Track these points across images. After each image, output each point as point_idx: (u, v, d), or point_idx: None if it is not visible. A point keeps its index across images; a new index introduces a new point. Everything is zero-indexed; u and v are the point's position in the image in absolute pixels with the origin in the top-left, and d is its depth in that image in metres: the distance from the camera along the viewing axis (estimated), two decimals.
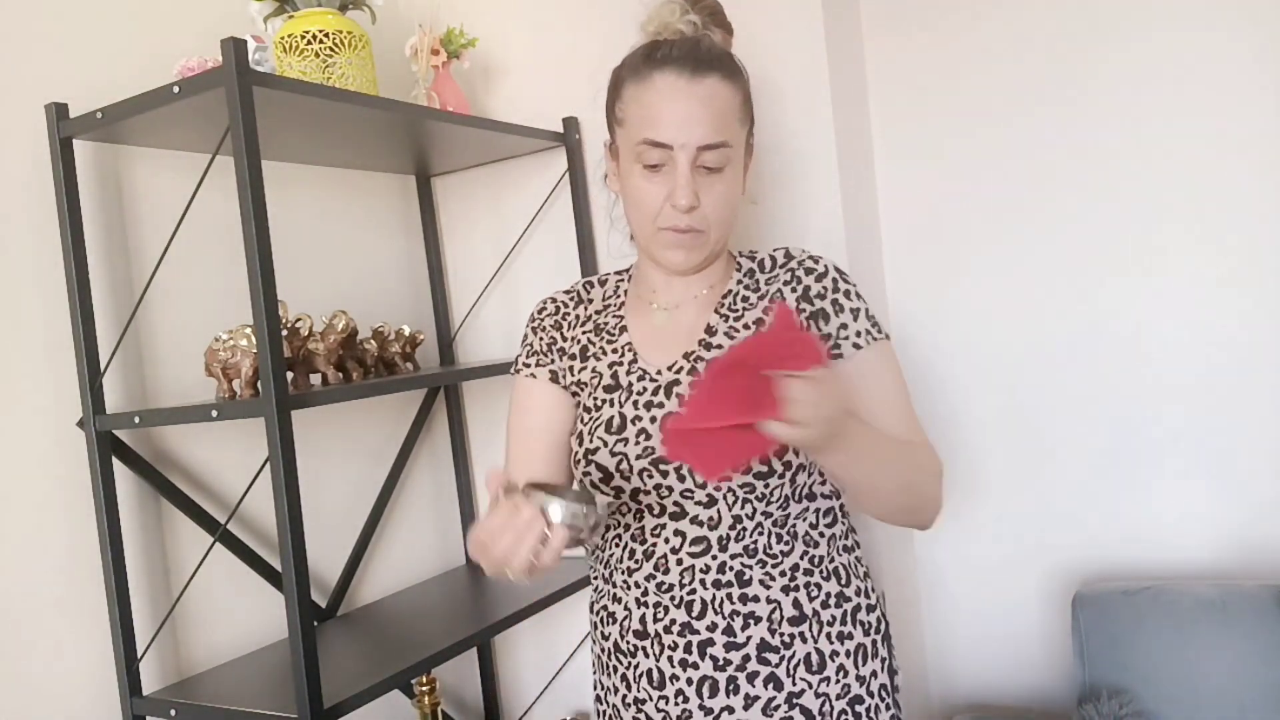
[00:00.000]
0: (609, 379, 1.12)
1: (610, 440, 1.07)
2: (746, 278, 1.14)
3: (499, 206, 1.96)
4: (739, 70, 1.08)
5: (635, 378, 1.10)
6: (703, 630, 1.04)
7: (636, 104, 1.05)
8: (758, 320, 1.09)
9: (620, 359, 1.13)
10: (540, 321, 1.21)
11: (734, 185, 1.06)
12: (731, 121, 1.04)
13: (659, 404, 1.07)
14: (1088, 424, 1.68)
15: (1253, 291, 1.55)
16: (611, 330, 1.16)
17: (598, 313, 1.19)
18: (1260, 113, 1.52)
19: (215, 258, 1.55)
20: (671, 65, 1.02)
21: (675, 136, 1.01)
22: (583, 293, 1.22)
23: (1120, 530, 1.67)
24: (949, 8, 1.75)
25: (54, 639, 1.33)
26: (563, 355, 1.18)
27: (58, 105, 1.33)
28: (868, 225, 1.78)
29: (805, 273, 1.10)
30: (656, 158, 1.03)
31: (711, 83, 1.02)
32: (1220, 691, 1.40)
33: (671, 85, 1.02)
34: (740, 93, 1.07)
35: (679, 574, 1.05)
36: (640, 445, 1.06)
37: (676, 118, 1.01)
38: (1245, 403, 1.57)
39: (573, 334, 1.18)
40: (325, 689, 1.24)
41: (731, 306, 1.12)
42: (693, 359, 1.08)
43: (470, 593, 1.77)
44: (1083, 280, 1.67)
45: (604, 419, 1.09)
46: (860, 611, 1.10)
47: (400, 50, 1.78)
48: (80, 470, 1.36)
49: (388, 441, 1.87)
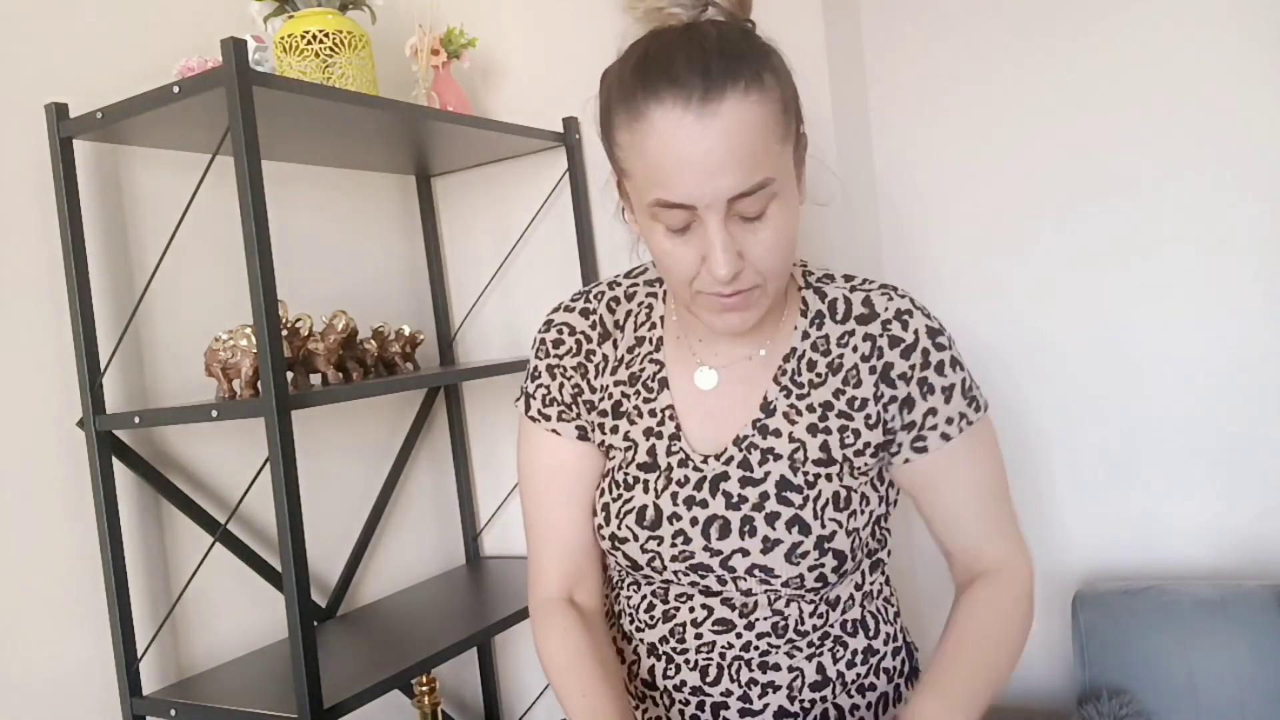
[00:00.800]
0: (645, 455, 0.94)
1: (642, 535, 0.93)
2: (814, 328, 0.93)
3: (499, 206, 1.96)
4: (766, 63, 0.79)
5: (676, 460, 0.92)
6: (716, 694, 0.95)
7: (636, 153, 0.80)
8: (825, 404, 0.90)
9: (659, 428, 0.94)
10: (558, 361, 0.99)
11: (787, 221, 0.82)
12: (768, 147, 0.78)
13: (701, 502, 0.91)
14: (1088, 424, 1.68)
15: (1253, 291, 1.55)
16: (649, 382, 0.96)
17: (629, 351, 0.98)
18: (1265, 109, 1.52)
19: (215, 258, 1.55)
20: (671, 93, 0.76)
21: (694, 194, 0.77)
22: (605, 317, 0.99)
23: (1120, 530, 1.67)
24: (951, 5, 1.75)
25: (54, 639, 1.33)
26: (591, 410, 0.98)
27: (58, 105, 1.33)
28: (868, 225, 1.79)
29: (890, 344, 0.90)
30: (678, 221, 0.80)
31: (730, 107, 0.75)
32: (1220, 691, 1.40)
33: (675, 124, 0.76)
34: (774, 99, 0.79)
35: (695, 646, 0.95)
36: (677, 547, 0.91)
37: (690, 170, 0.77)
38: (1246, 403, 1.56)
39: (601, 382, 0.98)
40: (325, 689, 1.24)
41: (795, 378, 0.92)
42: (744, 446, 0.91)
43: (470, 593, 1.77)
44: (1083, 280, 1.67)
45: (635, 508, 0.93)
46: (885, 659, 0.99)
47: (400, 50, 1.78)
48: (80, 470, 1.36)
49: (388, 441, 1.87)
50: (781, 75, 0.81)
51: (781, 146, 0.80)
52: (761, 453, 0.91)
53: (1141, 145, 1.61)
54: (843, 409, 0.91)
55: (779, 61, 0.82)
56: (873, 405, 0.91)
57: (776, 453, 0.90)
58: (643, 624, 0.99)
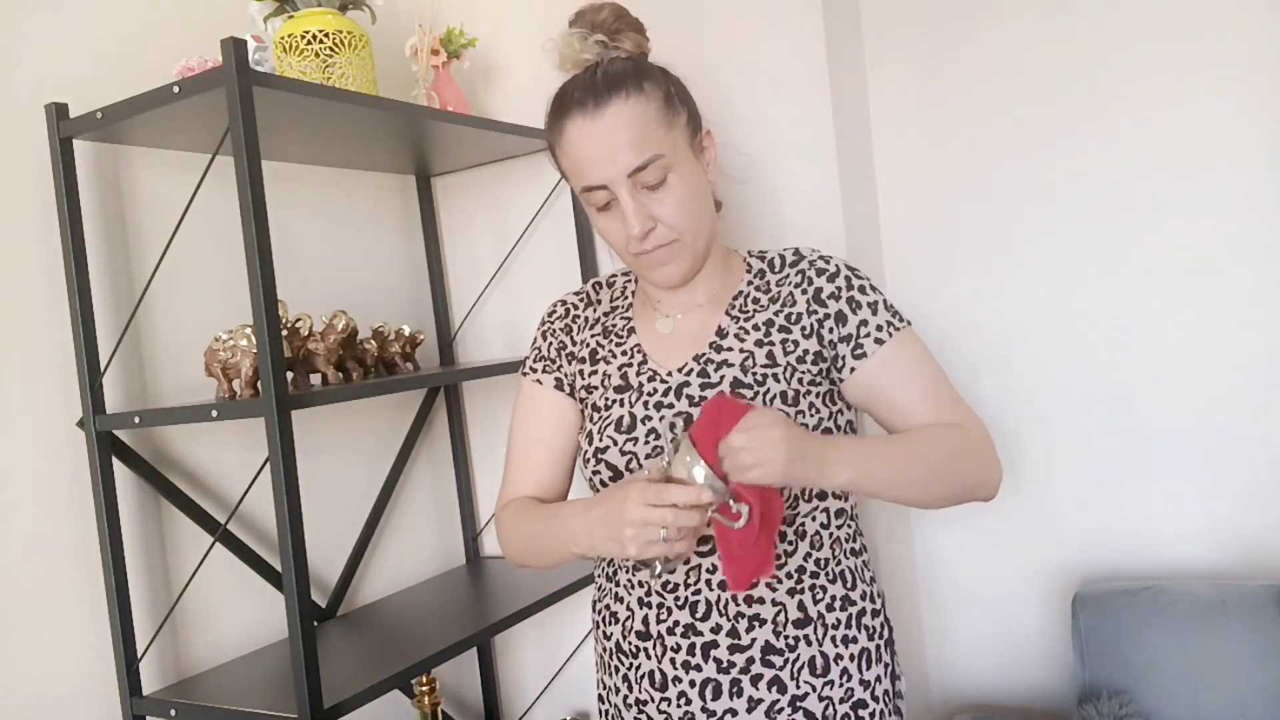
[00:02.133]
0: (619, 379, 1.12)
1: (620, 439, 1.08)
2: (757, 278, 1.14)
3: (499, 206, 1.96)
4: (645, 74, 1.04)
5: (645, 378, 1.10)
6: (706, 632, 1.04)
7: (564, 158, 1.06)
8: (768, 321, 1.09)
9: (630, 360, 1.13)
10: (550, 325, 1.22)
11: (689, 186, 1.04)
12: (653, 132, 1.02)
13: (669, 405, 1.07)
14: (1088, 424, 1.68)
15: (1253, 292, 1.55)
16: (620, 332, 1.16)
17: (605, 314, 1.19)
18: (1261, 116, 1.52)
19: (215, 258, 1.55)
20: (574, 108, 1.02)
21: (602, 175, 1.02)
22: (591, 294, 1.23)
23: (1120, 530, 1.67)
24: (951, 12, 1.75)
25: (54, 639, 1.33)
26: (571, 360, 1.18)
27: (58, 105, 1.33)
28: (868, 225, 1.78)
29: (816, 274, 1.10)
30: (602, 199, 1.03)
31: (614, 108, 1.01)
32: (1220, 691, 1.40)
33: (580, 129, 1.02)
34: (653, 98, 1.03)
35: (684, 573, 1.05)
36: (650, 445, 1.06)
37: (594, 157, 1.02)
38: (1246, 403, 1.56)
39: (581, 337, 1.19)
40: (325, 689, 1.24)
41: (743, 308, 1.11)
42: (703, 361, 1.08)
43: (470, 593, 1.77)
44: (1082, 281, 1.67)
45: (614, 418, 1.09)
46: (865, 616, 1.09)
47: (400, 50, 1.78)
48: (80, 470, 1.36)
49: (388, 441, 1.87)
50: (662, 81, 1.05)
51: (668, 131, 1.03)
52: (716, 364, 1.08)
53: (1141, 146, 1.61)
54: (782, 324, 1.08)
55: (660, 72, 1.07)
56: (806, 319, 1.08)
57: (729, 362, 1.07)
58: (633, 568, 1.10)
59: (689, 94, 1.10)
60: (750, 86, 1.69)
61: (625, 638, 1.10)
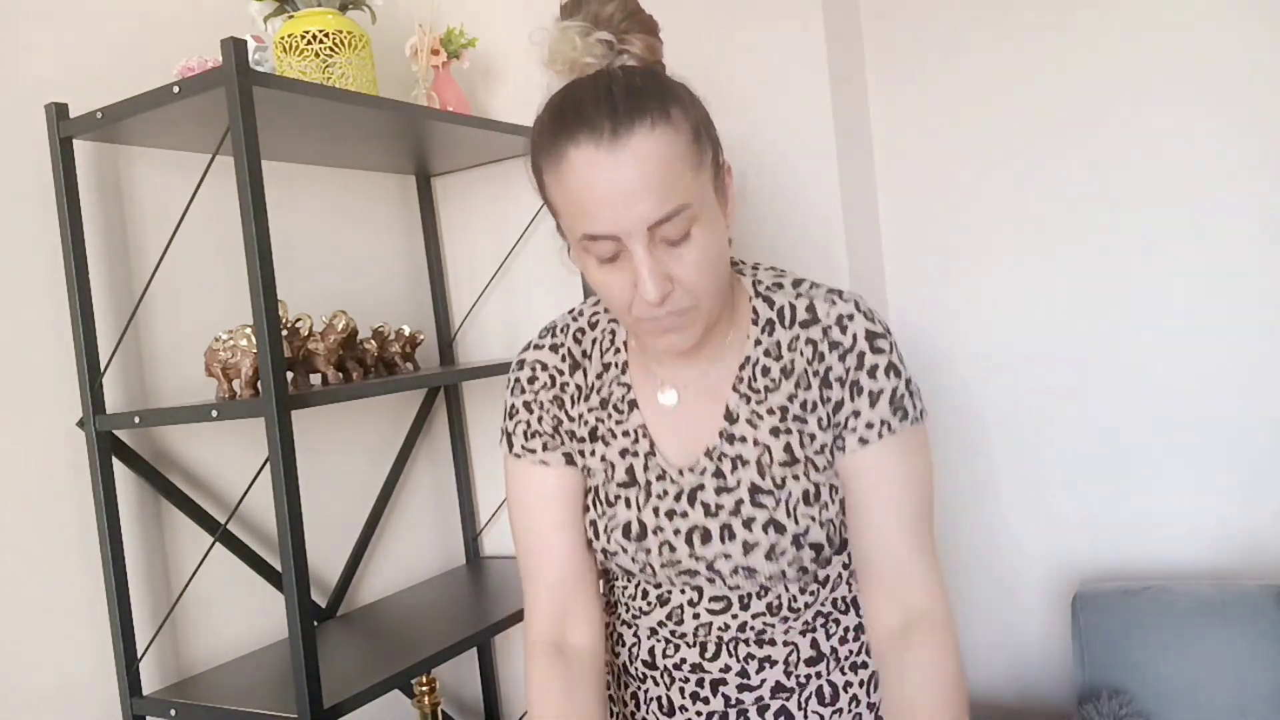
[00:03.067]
0: (623, 473, 0.99)
1: (631, 547, 0.98)
2: (765, 336, 0.96)
3: (499, 206, 1.96)
4: (672, 96, 0.84)
5: (654, 476, 0.97)
6: (715, 670, 0.99)
7: (561, 190, 0.84)
8: (783, 407, 0.94)
9: (634, 447, 0.99)
10: (534, 396, 1.02)
11: (712, 239, 0.86)
12: (681, 174, 0.82)
13: (681, 513, 0.95)
14: (1088, 424, 1.68)
15: (1254, 292, 1.55)
16: (620, 405, 1.00)
17: (599, 378, 1.02)
18: (1260, 120, 1.52)
19: (215, 258, 1.55)
20: (584, 131, 0.81)
21: (616, 225, 0.81)
22: (573, 350, 1.03)
23: (1120, 530, 1.67)
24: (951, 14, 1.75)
25: (54, 639, 1.33)
26: (572, 438, 1.02)
27: (58, 105, 1.33)
28: (868, 225, 1.79)
29: (830, 348, 0.93)
30: (607, 251, 0.84)
31: (639, 139, 0.80)
32: (1220, 691, 1.40)
33: (589, 161, 0.80)
34: (682, 131, 0.83)
35: (694, 626, 0.99)
36: (664, 556, 0.96)
37: (607, 200, 0.81)
38: (1246, 403, 1.56)
39: (577, 411, 1.02)
40: (325, 689, 1.24)
41: (752, 384, 0.95)
42: (715, 456, 0.95)
43: (470, 593, 1.77)
44: (1082, 281, 1.67)
45: (620, 522, 0.98)
46: None
47: (400, 50, 1.78)
48: (80, 470, 1.36)
49: (388, 441, 1.87)
50: (690, 108, 0.86)
51: (695, 174, 0.84)
52: (731, 461, 0.95)
53: (1142, 148, 1.61)
54: (796, 413, 0.94)
55: (686, 95, 0.87)
56: (821, 409, 0.94)
57: (744, 459, 0.94)
58: (639, 610, 1.03)
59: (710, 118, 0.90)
60: (750, 88, 1.69)
61: (632, 663, 1.05)
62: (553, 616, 1.02)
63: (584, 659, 1.01)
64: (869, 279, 1.75)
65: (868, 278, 1.75)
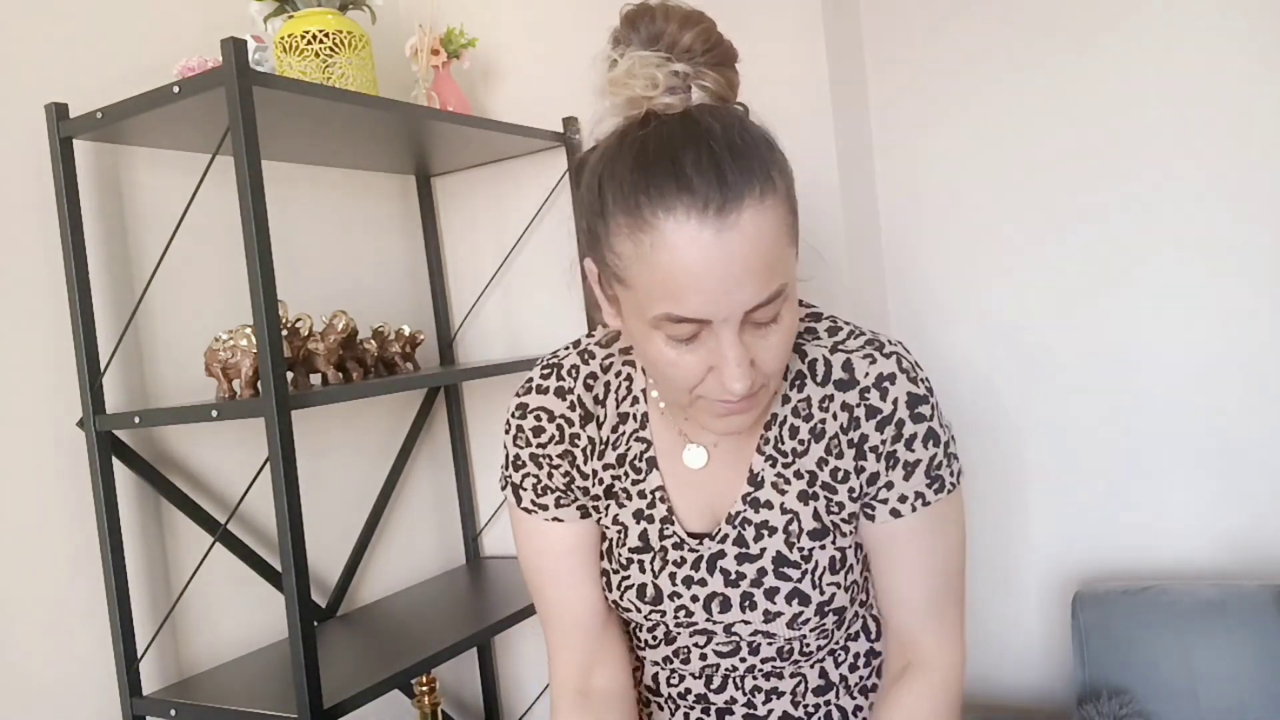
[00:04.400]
0: (636, 539, 0.92)
1: (644, 609, 0.93)
2: (795, 391, 0.88)
3: (499, 206, 1.96)
4: (772, 160, 0.74)
5: (671, 543, 0.91)
6: (720, 702, 0.97)
7: (642, 265, 0.72)
8: (811, 473, 0.87)
9: (649, 511, 0.92)
10: (542, 450, 0.93)
11: (793, 318, 0.77)
12: (784, 253, 0.73)
13: (700, 580, 0.90)
14: (1088, 424, 1.68)
15: (1251, 292, 1.55)
16: (637, 464, 0.92)
17: (614, 430, 0.93)
18: (1263, 110, 1.52)
19: (215, 258, 1.55)
20: (684, 203, 0.69)
21: (712, 311, 0.71)
22: (584, 397, 0.93)
23: (1120, 530, 1.67)
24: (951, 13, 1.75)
25: (54, 639, 1.33)
26: (586, 494, 0.95)
27: (58, 105, 1.33)
28: (868, 225, 1.79)
29: (867, 414, 0.84)
30: (687, 333, 0.74)
31: (749, 218, 0.69)
32: (1220, 691, 1.40)
33: (692, 240, 0.69)
34: (784, 200, 0.73)
35: (700, 668, 0.96)
36: (680, 618, 0.92)
37: (709, 287, 0.70)
38: (1245, 403, 1.56)
39: (591, 468, 0.94)
40: (325, 689, 1.24)
41: (779, 445, 0.88)
42: (738, 522, 0.89)
43: (470, 593, 1.77)
44: (1083, 281, 1.67)
45: (635, 584, 0.93)
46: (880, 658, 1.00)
47: (400, 50, 1.78)
48: (80, 470, 1.36)
49: (388, 441, 1.87)
50: (785, 169, 0.76)
51: (792, 248, 0.76)
52: (755, 528, 0.88)
53: (1140, 148, 1.60)
54: (826, 480, 0.88)
55: (780, 153, 0.76)
56: (854, 479, 0.87)
57: (771, 525, 0.88)
58: (645, 642, 1.00)
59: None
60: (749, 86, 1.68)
61: (637, 686, 1.03)
62: (578, 664, 0.97)
63: (612, 703, 0.96)
64: (869, 279, 1.75)
65: (868, 277, 1.75)
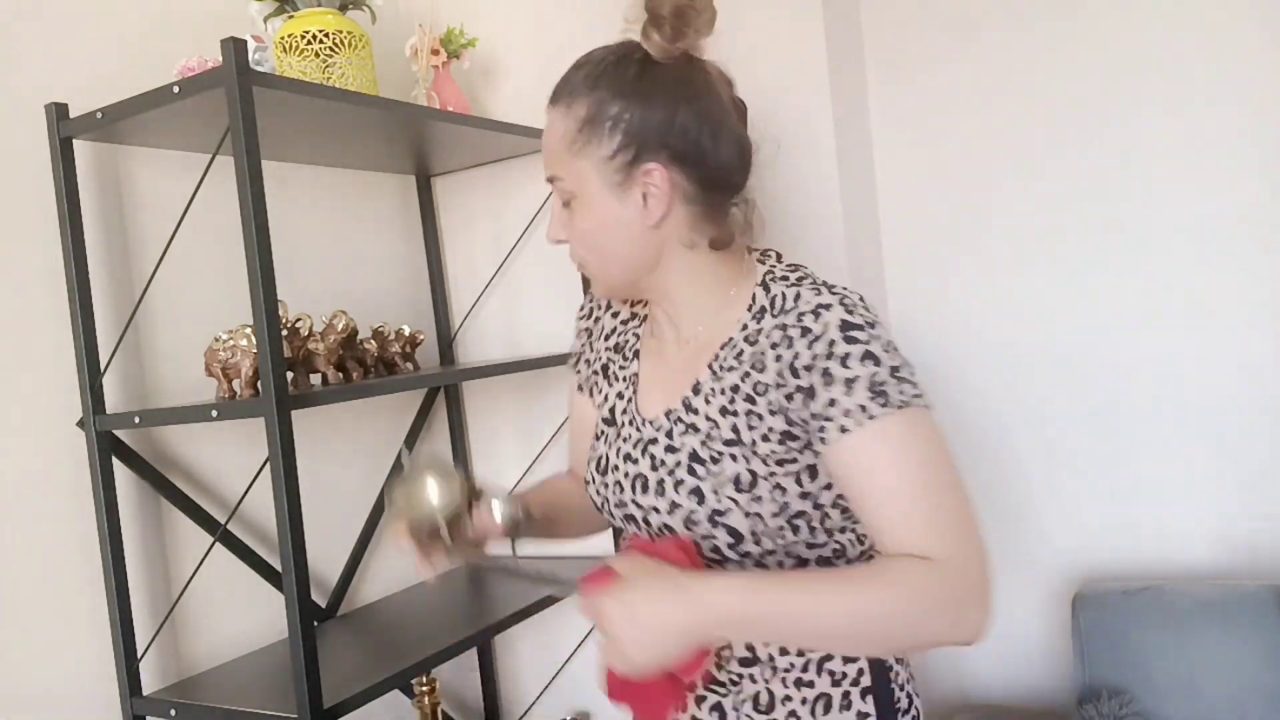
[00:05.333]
0: (607, 412, 1.09)
1: (596, 480, 1.06)
2: (753, 321, 0.97)
3: (499, 206, 1.96)
4: (588, 94, 0.96)
5: (627, 420, 1.05)
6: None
7: None
8: (734, 387, 0.95)
9: (624, 392, 1.08)
10: (580, 323, 1.19)
11: (585, 219, 0.97)
12: (559, 152, 0.98)
13: (634, 459, 1.01)
14: (1088, 424, 1.68)
15: (1251, 293, 1.55)
16: (627, 353, 1.11)
17: (623, 323, 1.14)
18: (1258, 128, 1.52)
19: (215, 258, 1.55)
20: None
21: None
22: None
23: (1120, 530, 1.67)
24: (952, 13, 1.75)
25: (54, 639, 1.33)
26: (588, 366, 1.16)
27: (58, 105, 1.33)
28: (868, 225, 1.79)
29: (800, 334, 0.90)
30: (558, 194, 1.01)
31: (551, 116, 0.99)
32: (1220, 691, 1.40)
33: None
34: (573, 119, 0.96)
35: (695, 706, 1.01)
36: (614, 496, 1.03)
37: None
38: (1245, 403, 1.56)
39: (599, 347, 1.15)
40: (325, 689, 1.24)
41: (724, 362, 0.97)
42: (672, 418, 0.99)
43: (470, 593, 1.77)
44: (1083, 281, 1.67)
45: (596, 455, 1.07)
46: (831, 660, 0.97)
47: (400, 50, 1.78)
48: (80, 470, 1.36)
49: (388, 441, 1.87)
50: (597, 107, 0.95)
51: (570, 157, 0.97)
52: (684, 426, 0.99)
53: (1140, 149, 1.61)
54: (748, 392, 0.94)
55: (609, 99, 0.95)
56: (774, 392, 0.91)
57: (695, 427, 0.97)
58: None
59: (661, 125, 0.94)
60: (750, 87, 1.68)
61: None
62: None
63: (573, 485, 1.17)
64: (869, 278, 1.75)
65: (868, 277, 1.75)
